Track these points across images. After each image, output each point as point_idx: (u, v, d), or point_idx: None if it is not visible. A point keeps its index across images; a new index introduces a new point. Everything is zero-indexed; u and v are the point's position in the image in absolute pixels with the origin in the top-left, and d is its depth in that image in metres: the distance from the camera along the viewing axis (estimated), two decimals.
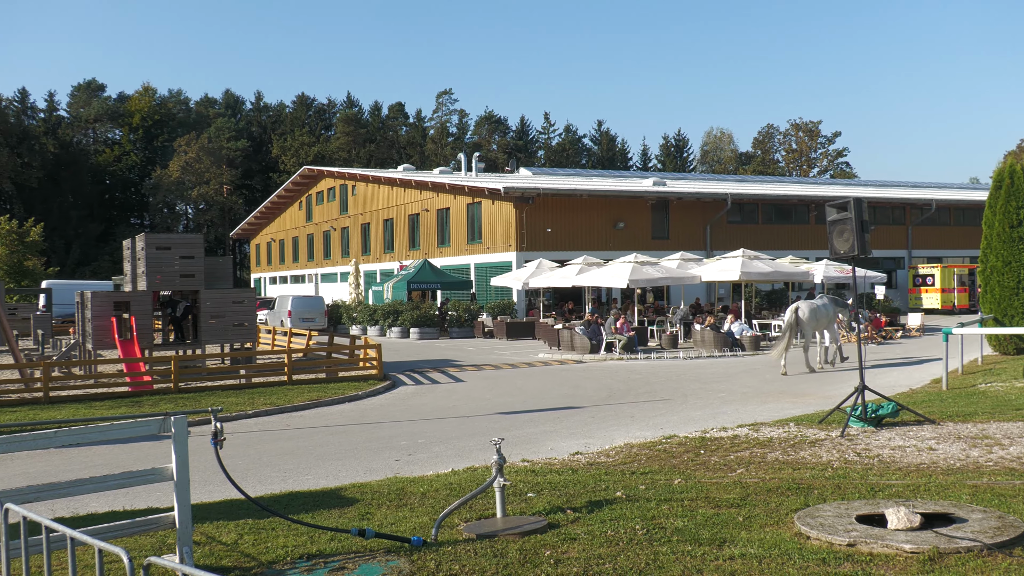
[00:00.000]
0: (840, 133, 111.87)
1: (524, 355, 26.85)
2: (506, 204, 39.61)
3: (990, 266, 20.99)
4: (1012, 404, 13.04)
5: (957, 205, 51.72)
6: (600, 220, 41.19)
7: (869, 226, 11.76)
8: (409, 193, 48.97)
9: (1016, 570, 5.53)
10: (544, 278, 33.04)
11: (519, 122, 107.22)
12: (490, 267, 41.01)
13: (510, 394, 18.01)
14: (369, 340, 23.11)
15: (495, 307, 37.11)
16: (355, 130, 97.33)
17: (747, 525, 6.77)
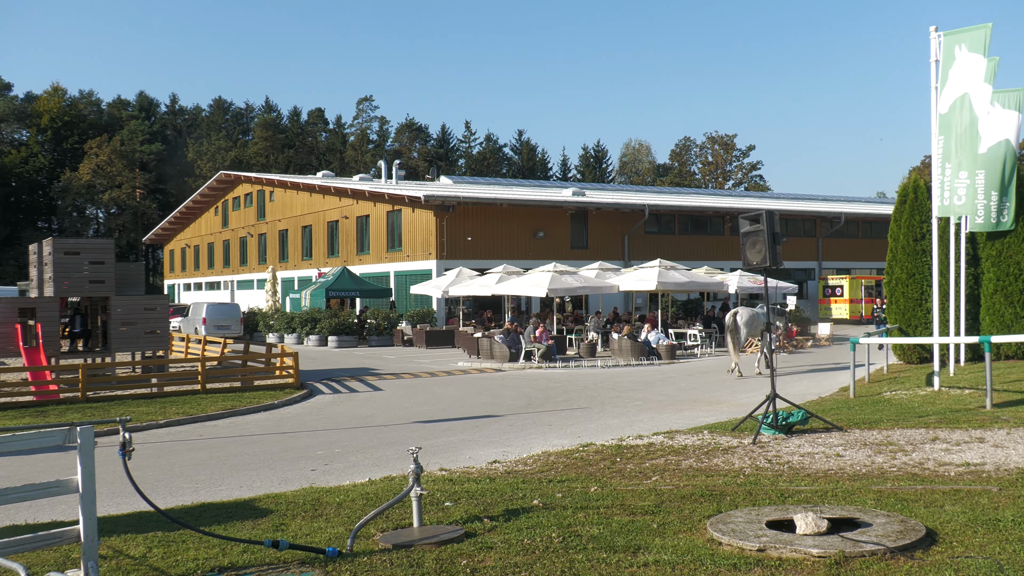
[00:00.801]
0: (754, 147, 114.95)
1: (443, 363, 26.80)
2: (426, 212, 39.53)
3: (895, 278, 21.68)
4: (915, 411, 13.49)
5: (865, 218, 53.38)
6: (520, 229, 41.39)
7: (781, 238, 12.06)
8: (328, 200, 48.51)
9: (917, 572, 5.72)
10: (464, 286, 33.04)
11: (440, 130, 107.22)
12: (410, 275, 40.86)
13: (429, 403, 17.95)
14: (286, 348, 22.79)
15: (415, 315, 36.98)
16: (273, 135, 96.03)
17: (661, 532, 6.87)
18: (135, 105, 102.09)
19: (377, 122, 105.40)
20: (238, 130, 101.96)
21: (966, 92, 16.08)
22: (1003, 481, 8.29)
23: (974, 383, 16.31)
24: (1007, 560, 5.83)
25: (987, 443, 10.34)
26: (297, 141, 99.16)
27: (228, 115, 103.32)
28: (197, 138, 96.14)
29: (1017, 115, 16.71)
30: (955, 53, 16.10)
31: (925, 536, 6.39)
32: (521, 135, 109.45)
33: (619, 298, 39.90)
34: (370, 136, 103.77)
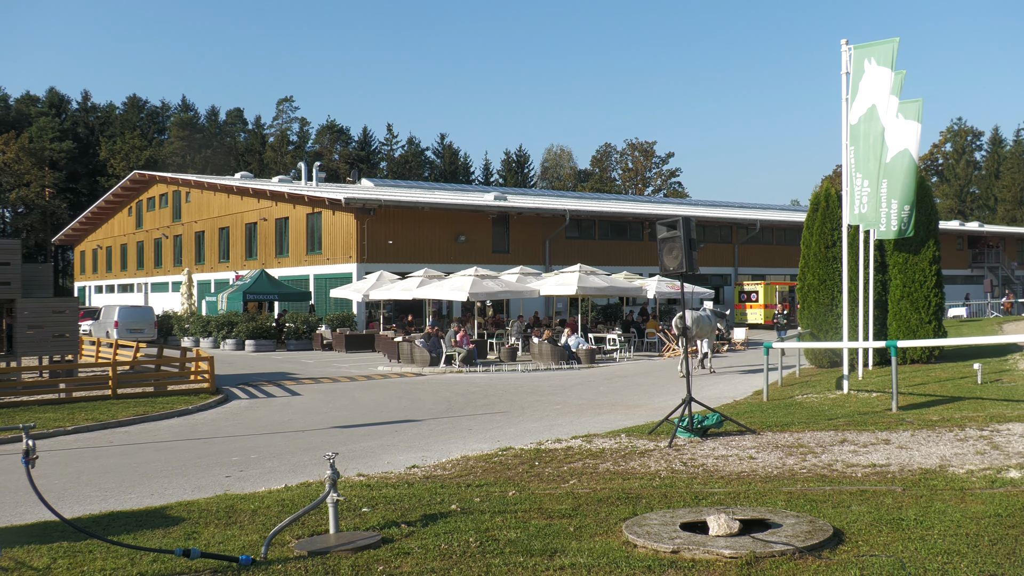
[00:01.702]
0: (673, 154, 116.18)
1: (363, 368, 26.58)
2: (347, 215, 39.18)
3: (807, 284, 22.24)
4: (825, 414, 13.86)
5: (779, 225, 54.64)
6: (442, 233, 41.31)
7: (697, 244, 12.28)
8: (247, 201, 47.72)
9: (824, 571, 5.87)
10: (385, 290, 32.84)
11: (361, 132, 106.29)
12: (330, 278, 40.43)
13: (348, 408, 17.79)
14: (201, 352, 22.33)
15: (334, 319, 36.59)
16: (190, 135, 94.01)
17: (578, 535, 6.93)
18: (45, 101, 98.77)
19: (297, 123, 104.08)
20: (153, 129, 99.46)
21: (874, 104, 16.60)
22: (907, 481, 8.57)
23: (881, 386, 16.83)
24: (909, 558, 6.03)
25: (892, 445, 10.68)
26: (215, 141, 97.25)
27: (143, 113, 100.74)
28: (110, 136, 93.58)
29: (918, 125, 17.31)
30: (864, 66, 16.61)
31: (832, 536, 6.57)
32: (444, 138, 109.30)
33: (540, 302, 40.12)
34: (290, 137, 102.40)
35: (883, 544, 6.41)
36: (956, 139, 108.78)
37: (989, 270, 66.38)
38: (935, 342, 15.99)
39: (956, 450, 10.17)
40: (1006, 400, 14.32)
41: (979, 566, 5.82)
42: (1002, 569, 5.76)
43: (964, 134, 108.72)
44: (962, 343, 16.13)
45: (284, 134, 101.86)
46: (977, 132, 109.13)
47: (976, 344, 22.85)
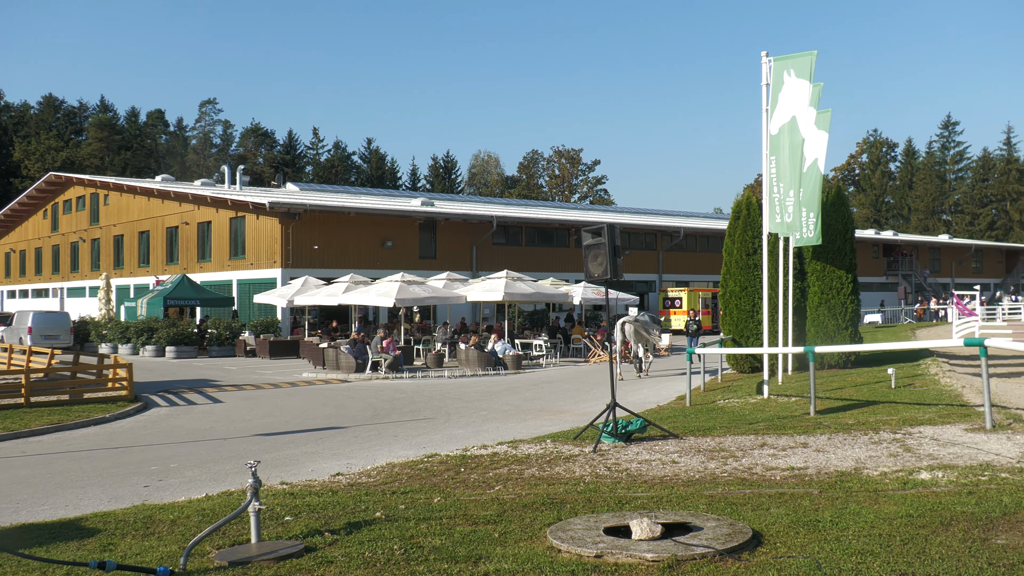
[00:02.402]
0: (599, 161, 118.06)
1: (287, 374, 26.25)
2: (271, 219, 38.66)
3: (729, 290, 22.66)
4: (746, 419, 14.12)
5: (702, 233, 55.55)
6: (368, 238, 41.03)
7: (622, 251, 12.41)
8: (168, 205, 46.77)
9: (743, 573, 5.99)
10: (310, 296, 32.49)
11: (287, 136, 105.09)
12: (254, 284, 39.83)
13: (271, 415, 17.55)
14: (119, 359, 21.78)
15: (258, 325, 36.07)
16: (109, 136, 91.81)
17: (502, 541, 6.95)
18: None
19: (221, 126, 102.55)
20: (70, 130, 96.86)
21: (794, 115, 17.02)
22: (823, 484, 8.78)
23: (800, 391, 17.22)
24: (824, 558, 6.18)
25: (810, 448, 10.93)
26: (135, 143, 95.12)
27: (59, 113, 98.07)
28: (25, 137, 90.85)
29: (826, 135, 17.82)
30: (784, 78, 17.03)
31: (752, 538, 6.70)
32: (370, 143, 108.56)
33: (467, 308, 40.10)
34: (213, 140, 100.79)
35: (800, 545, 6.56)
36: (872, 150, 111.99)
37: (903, 277, 68.43)
38: (851, 348, 16.43)
39: (871, 453, 10.45)
40: (918, 404, 14.77)
41: (891, 565, 5.99)
42: (912, 568, 5.94)
43: (879, 145, 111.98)
44: (877, 348, 16.57)
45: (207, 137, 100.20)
46: (892, 144, 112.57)
47: (890, 349, 23.46)
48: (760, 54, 17.73)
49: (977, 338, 12.28)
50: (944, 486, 8.45)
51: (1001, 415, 12.59)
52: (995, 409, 12.70)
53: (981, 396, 12.43)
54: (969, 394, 15.55)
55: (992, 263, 78.52)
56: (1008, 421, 12.15)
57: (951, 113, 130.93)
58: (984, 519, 7.11)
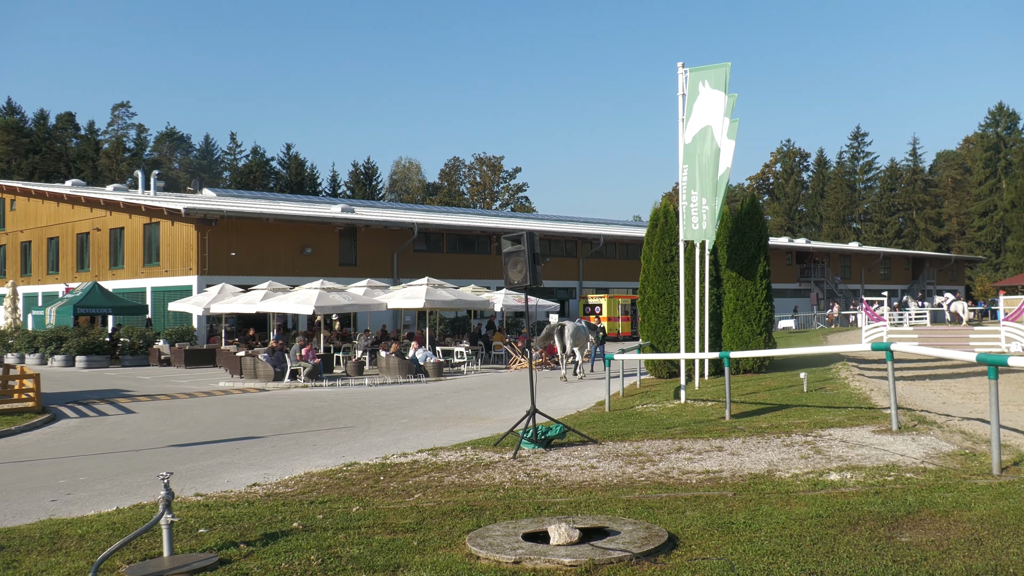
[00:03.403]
0: (520, 169, 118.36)
1: (203, 384, 25.74)
2: (187, 226, 37.89)
3: (647, 297, 22.96)
4: (663, 423, 14.33)
5: (622, 240, 56.22)
6: (287, 245, 40.51)
7: (542, 258, 12.50)
8: (79, 210, 45.48)
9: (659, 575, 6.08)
10: (227, 303, 31.92)
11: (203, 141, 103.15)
12: (168, 291, 38.97)
13: (186, 425, 17.18)
14: (26, 369, 21.09)
15: (173, 333, 35.28)
16: (16, 139, 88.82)
17: (421, 549, 6.93)
18: None
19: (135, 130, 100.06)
20: None
21: (708, 124, 17.37)
22: (737, 486, 8.96)
23: (716, 395, 17.54)
24: (738, 559, 6.31)
25: (725, 451, 11.14)
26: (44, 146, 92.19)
27: None
28: None
29: (734, 143, 18.26)
30: (699, 88, 17.37)
31: (667, 541, 6.80)
32: (290, 149, 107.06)
33: (388, 316, 39.87)
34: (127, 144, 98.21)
35: (715, 547, 6.68)
36: (785, 160, 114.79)
37: (815, 284, 70.28)
38: (765, 353, 16.80)
39: (783, 455, 10.70)
40: (829, 407, 15.18)
41: (801, 565, 6.15)
42: (821, 567, 6.10)
43: (792, 156, 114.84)
44: (790, 353, 17.02)
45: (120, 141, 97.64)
46: (804, 154, 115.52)
47: (803, 354, 24.12)
48: (677, 65, 18.04)
49: (884, 342, 12.68)
50: (852, 487, 8.70)
51: (906, 417, 13.01)
52: (901, 411, 13.12)
53: (888, 399, 12.83)
54: (877, 397, 16.04)
55: (899, 270, 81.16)
56: (913, 423, 12.57)
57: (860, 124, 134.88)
58: (890, 518, 7.34)
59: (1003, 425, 11.62)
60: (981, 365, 9.50)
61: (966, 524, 7.07)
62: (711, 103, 17.30)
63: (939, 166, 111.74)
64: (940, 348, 12.18)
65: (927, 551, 6.37)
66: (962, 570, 5.93)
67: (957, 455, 10.21)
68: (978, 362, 9.65)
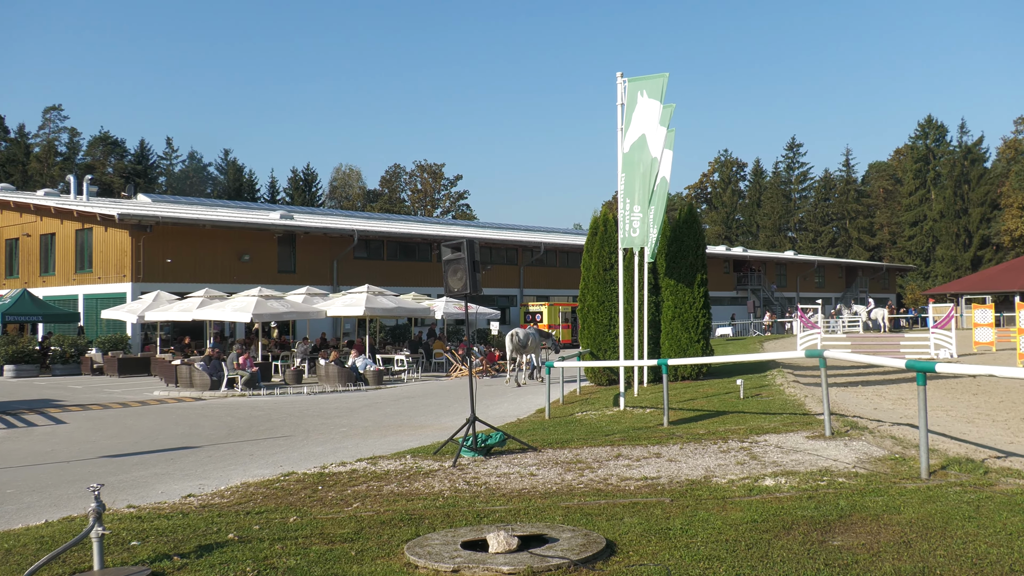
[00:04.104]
0: (462, 176, 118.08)
1: (138, 393, 25.24)
2: (121, 232, 37.17)
3: (587, 305, 23.11)
4: (603, 430, 14.42)
5: (562, 248, 56.49)
6: (225, 252, 39.96)
7: (482, 266, 12.53)
8: (7, 216, 44.34)
9: None
10: (162, 311, 31.37)
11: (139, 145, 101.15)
12: (102, 299, 38.17)
13: (119, 436, 16.82)
14: None
15: (106, 342, 34.55)
16: None
17: (359, 559, 6.88)
18: None
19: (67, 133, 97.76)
20: None
21: (645, 134, 17.56)
22: (675, 492, 9.06)
23: (655, 402, 17.71)
24: (674, 565, 6.38)
25: (663, 458, 11.26)
26: None
27: None
28: None
29: (671, 153, 18.53)
30: (637, 98, 17.54)
31: (605, 548, 6.85)
32: (227, 154, 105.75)
33: (327, 323, 39.53)
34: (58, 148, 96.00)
35: (652, 553, 6.74)
36: (723, 170, 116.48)
37: (752, 292, 71.38)
38: (702, 360, 17.01)
39: (719, 461, 10.84)
40: (764, 413, 15.42)
41: (736, 569, 6.24)
42: (756, 571, 6.19)
43: (730, 165, 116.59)
44: (727, 360, 17.20)
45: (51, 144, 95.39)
46: (741, 163, 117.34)
47: (739, 361, 24.41)
48: (616, 75, 18.21)
49: (818, 349, 12.94)
50: (787, 492, 8.85)
51: (839, 422, 13.28)
52: (834, 417, 13.38)
53: (822, 405, 13.08)
54: (811, 403, 16.34)
55: (833, 278, 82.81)
56: (845, 428, 12.83)
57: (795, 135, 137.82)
58: (822, 522, 7.49)
59: (931, 430, 11.92)
60: (911, 371, 9.74)
61: (896, 527, 7.24)
62: (649, 113, 17.49)
63: (871, 177, 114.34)
64: (872, 355, 12.46)
65: (858, 554, 6.51)
66: (891, 572, 6.07)
67: (887, 460, 10.45)
68: (907, 368, 9.89)
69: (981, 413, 15.47)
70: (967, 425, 13.83)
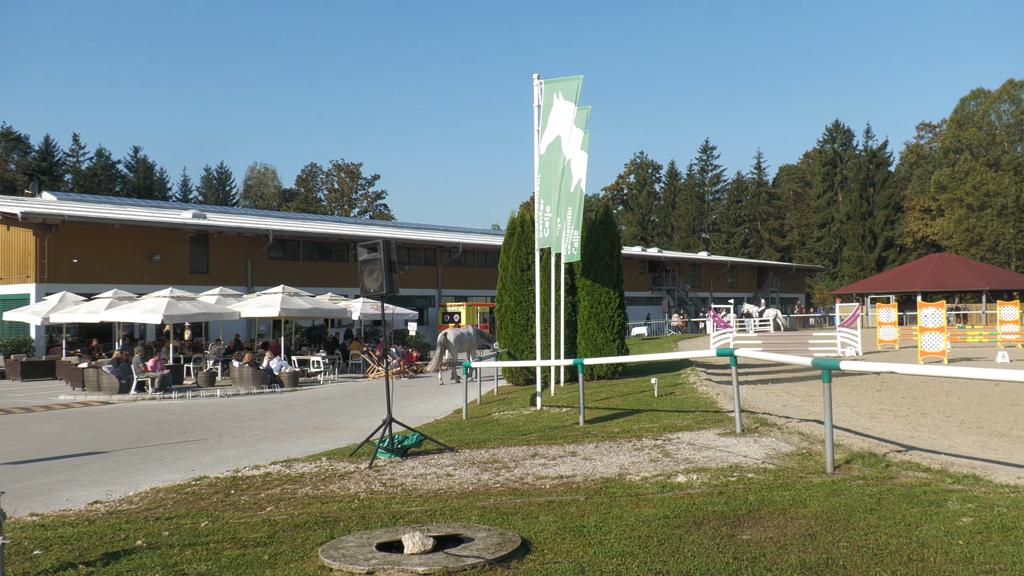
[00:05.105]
0: (379, 176, 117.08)
1: (42, 397, 24.44)
2: (24, 231, 35.94)
3: (504, 305, 23.19)
4: (519, 430, 14.50)
5: (480, 249, 56.54)
6: (135, 252, 38.93)
7: (399, 266, 12.49)
8: None
9: None
10: (68, 312, 30.42)
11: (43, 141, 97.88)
12: (3, 300, 36.83)
13: (22, 441, 16.27)
14: None
15: (8, 344, 33.40)
16: None
17: (272, 563, 6.80)
18: None
19: None
20: None
21: (560, 135, 17.72)
22: (589, 490, 9.17)
23: (571, 402, 17.88)
24: (588, 562, 6.47)
25: (578, 456, 11.38)
26: None
27: None
28: None
29: (586, 155, 18.75)
30: (553, 100, 17.70)
31: (520, 546, 6.90)
32: (137, 152, 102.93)
33: (241, 325, 38.84)
34: None
35: (566, 551, 6.82)
36: (639, 172, 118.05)
37: (667, 292, 72.50)
38: (618, 359, 17.24)
39: (634, 459, 11.01)
40: (677, 411, 15.70)
41: (648, 565, 6.35)
42: (667, 566, 6.32)
43: (645, 167, 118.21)
44: (642, 360, 17.50)
45: None
46: (657, 166, 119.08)
47: (654, 360, 24.87)
48: (532, 76, 18.33)
49: (729, 348, 13.22)
50: (698, 488, 9.04)
51: (749, 420, 13.60)
52: (744, 414, 13.71)
53: (733, 402, 13.38)
54: (723, 401, 16.69)
55: (745, 278, 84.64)
56: (755, 425, 13.15)
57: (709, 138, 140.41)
58: (732, 517, 7.67)
59: (836, 426, 12.31)
60: (817, 369, 10.04)
61: (802, 520, 7.46)
62: (564, 115, 17.65)
63: (782, 179, 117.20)
64: (781, 353, 12.79)
65: (765, 547, 6.69)
66: (797, 564, 6.25)
67: (795, 455, 10.75)
68: (813, 366, 10.18)
69: (884, 409, 16.01)
70: (871, 420, 14.30)
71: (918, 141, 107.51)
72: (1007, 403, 16.50)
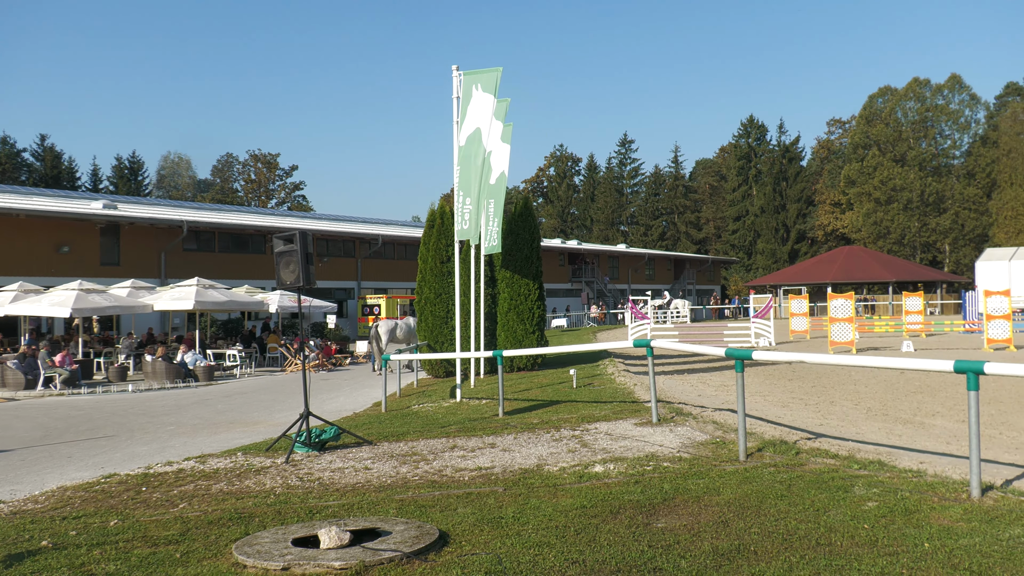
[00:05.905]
0: (297, 167, 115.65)
1: None
2: None
3: (424, 297, 23.12)
4: (439, 422, 14.48)
5: (400, 241, 56.21)
6: (41, 243, 37.67)
7: (317, 258, 12.34)
8: None
9: (429, 573, 6.15)
10: None
11: None
12: None
13: None
14: None
15: None
16: None
17: (184, 561, 6.67)
18: None
19: None
20: None
21: (479, 127, 17.72)
22: (508, 482, 9.20)
23: (491, 393, 17.91)
24: (506, 553, 6.50)
25: (497, 448, 11.42)
26: None
27: None
28: None
29: (508, 147, 18.82)
30: (472, 91, 17.67)
31: (439, 539, 6.90)
32: (44, 140, 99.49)
33: (155, 318, 37.94)
34: None
35: (484, 542, 6.84)
36: (559, 164, 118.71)
37: (586, 284, 73.14)
38: (537, 351, 17.33)
39: (552, 449, 11.09)
40: (596, 402, 15.86)
41: (565, 555, 6.41)
42: (584, 555, 6.38)
43: (565, 160, 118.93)
44: (561, 351, 17.59)
45: None
46: (576, 159, 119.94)
47: (573, 352, 25.02)
48: (452, 68, 18.28)
49: (645, 339, 13.39)
50: (615, 477, 9.15)
51: (666, 409, 13.82)
52: (661, 404, 13.93)
53: (650, 393, 13.57)
54: (640, 391, 16.92)
55: (663, 270, 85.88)
56: (671, 415, 13.36)
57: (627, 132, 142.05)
58: (648, 505, 7.79)
59: (749, 414, 12.59)
60: (731, 359, 10.24)
61: (715, 508, 7.61)
62: (484, 107, 17.65)
63: (698, 173, 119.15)
64: (696, 344, 13.01)
65: (680, 535, 6.81)
66: (710, 551, 6.38)
67: (709, 444, 10.96)
68: (727, 356, 10.39)
69: (795, 397, 16.43)
70: (782, 409, 14.66)
71: (829, 136, 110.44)
72: (911, 391, 17.09)
